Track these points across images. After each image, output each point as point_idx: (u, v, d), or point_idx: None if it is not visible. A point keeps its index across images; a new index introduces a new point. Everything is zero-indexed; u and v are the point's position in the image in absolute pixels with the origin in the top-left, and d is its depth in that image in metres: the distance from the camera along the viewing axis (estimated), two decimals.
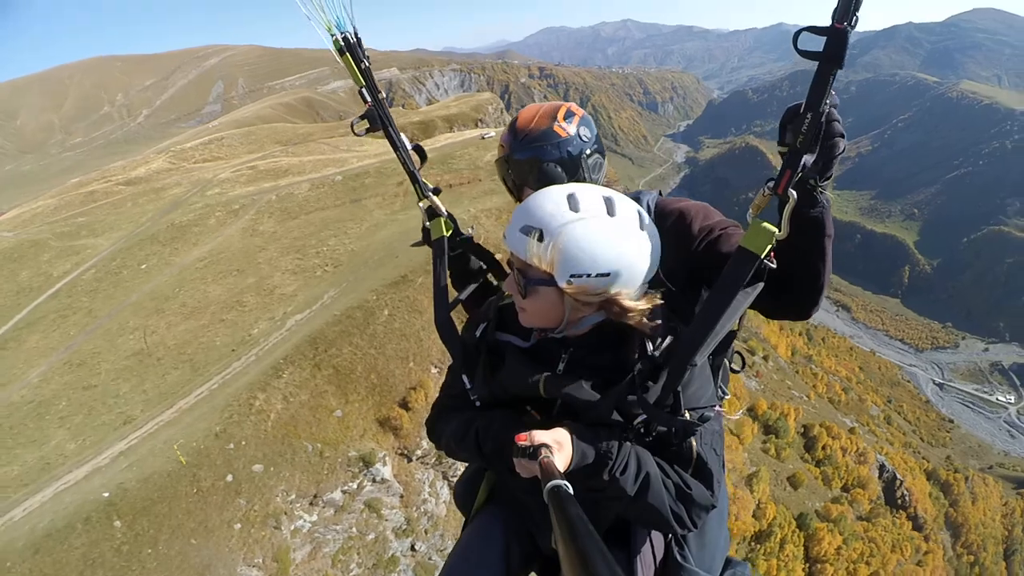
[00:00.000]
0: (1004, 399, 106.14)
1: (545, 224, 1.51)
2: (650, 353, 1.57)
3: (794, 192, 1.52)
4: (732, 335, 1.98)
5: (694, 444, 1.61)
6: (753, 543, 32.36)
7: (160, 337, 22.04)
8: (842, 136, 1.48)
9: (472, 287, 2.26)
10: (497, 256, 2.35)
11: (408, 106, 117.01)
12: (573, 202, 1.55)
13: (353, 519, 17.71)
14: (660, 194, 2.20)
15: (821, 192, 1.57)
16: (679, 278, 1.85)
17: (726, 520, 2.21)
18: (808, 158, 1.49)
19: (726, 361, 2.11)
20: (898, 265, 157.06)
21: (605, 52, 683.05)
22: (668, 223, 2.02)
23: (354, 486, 18.05)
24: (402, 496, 19.57)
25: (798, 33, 1.43)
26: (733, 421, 38.71)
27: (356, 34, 2.08)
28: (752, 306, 1.77)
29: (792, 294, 1.78)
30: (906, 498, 45.15)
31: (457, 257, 2.29)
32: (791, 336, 77.86)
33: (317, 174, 35.71)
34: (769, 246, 1.53)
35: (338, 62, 2.09)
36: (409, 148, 2.29)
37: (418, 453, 20.39)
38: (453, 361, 1.91)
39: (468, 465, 2.18)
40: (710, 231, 1.98)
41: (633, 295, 1.59)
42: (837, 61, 1.37)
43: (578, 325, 1.66)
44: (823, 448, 44.56)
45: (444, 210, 2.30)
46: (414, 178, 2.30)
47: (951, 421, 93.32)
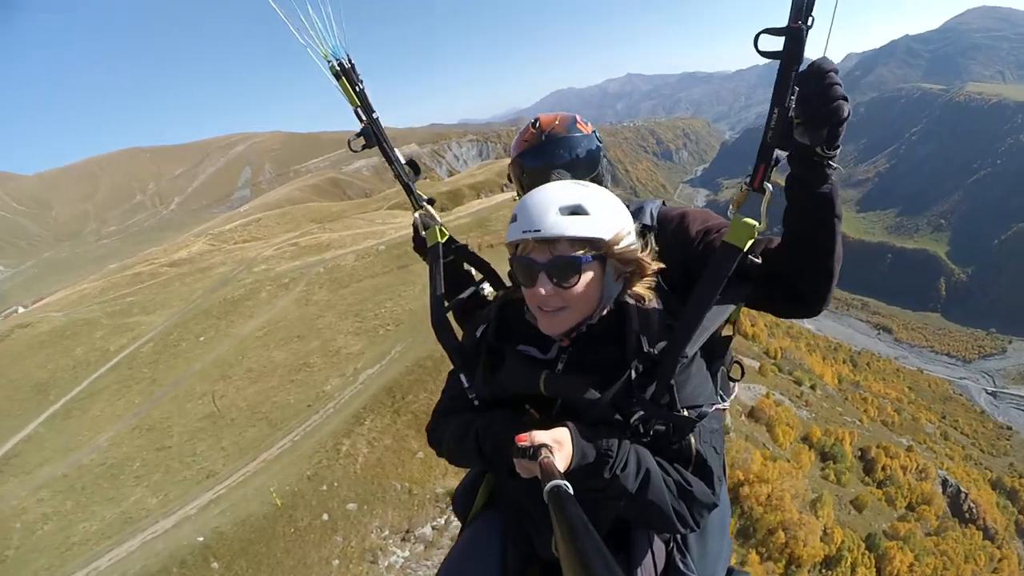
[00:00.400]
0: None
1: (582, 199, 1.57)
2: (647, 351, 1.58)
3: (769, 186, 1.60)
4: (728, 340, 1.98)
5: (693, 442, 1.60)
6: (824, 570, 31.44)
7: (231, 400, 22.38)
8: (844, 99, 1.41)
9: (471, 289, 2.27)
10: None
11: (431, 178, 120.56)
12: (574, 183, 1.69)
13: (442, 554, 18.07)
14: (663, 204, 2.25)
15: (830, 166, 1.52)
16: (679, 281, 1.83)
17: (728, 529, 2.22)
18: (780, 153, 1.56)
19: (724, 369, 2.08)
20: (933, 279, 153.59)
21: (614, 108, 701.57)
22: (671, 228, 2.09)
23: (442, 521, 18.48)
24: None
25: (758, 35, 1.48)
26: (789, 451, 38.27)
27: (350, 59, 2.18)
28: (760, 305, 1.84)
29: (801, 285, 1.73)
30: (973, 510, 43.34)
31: (451, 264, 2.34)
32: (835, 365, 76.54)
33: (359, 246, 36.80)
34: (751, 240, 1.59)
35: (337, 88, 2.22)
36: (403, 162, 2.37)
37: None
38: (452, 362, 1.94)
39: (468, 472, 2.18)
40: (708, 232, 2.01)
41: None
42: (796, 59, 1.43)
43: (602, 306, 1.68)
44: (883, 469, 43.35)
45: (439, 219, 2.37)
46: (409, 189, 2.38)
47: (1009, 428, 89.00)
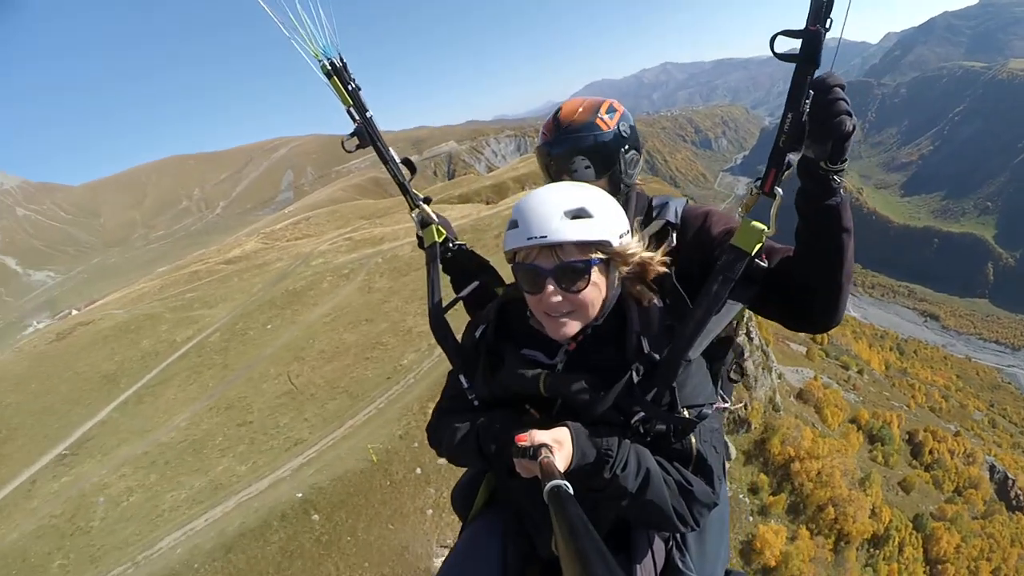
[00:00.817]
0: None
1: (585, 202, 1.57)
2: (647, 352, 1.59)
3: (780, 190, 1.56)
4: (729, 342, 2.01)
5: (694, 441, 1.61)
6: (871, 548, 31.68)
7: (307, 378, 22.56)
8: (848, 114, 1.44)
9: (474, 284, 2.28)
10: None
11: (471, 174, 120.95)
12: (573, 185, 1.68)
13: None
14: (687, 201, 2.25)
15: (836, 180, 1.54)
16: (697, 280, 1.77)
17: (727, 530, 2.25)
18: (793, 156, 1.52)
19: (724, 370, 2.12)
20: (981, 264, 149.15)
21: (650, 98, 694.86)
22: (694, 228, 2.10)
23: None
24: None
25: (774, 37, 1.46)
26: (837, 432, 38.41)
27: (342, 59, 2.17)
28: (768, 314, 1.87)
29: (809, 299, 1.73)
30: (1021, 497, 42.67)
31: (452, 261, 2.36)
32: (882, 352, 75.80)
33: (413, 238, 36.86)
34: (759, 244, 1.59)
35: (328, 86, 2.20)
36: (398, 161, 2.35)
37: None
38: (451, 363, 1.95)
39: (465, 471, 2.18)
40: (729, 234, 1.94)
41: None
42: (813, 62, 1.40)
43: (607, 308, 1.69)
44: (930, 452, 43.09)
45: (435, 217, 2.35)
46: (404, 189, 2.36)
47: None
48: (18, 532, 17.69)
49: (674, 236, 2.05)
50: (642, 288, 1.71)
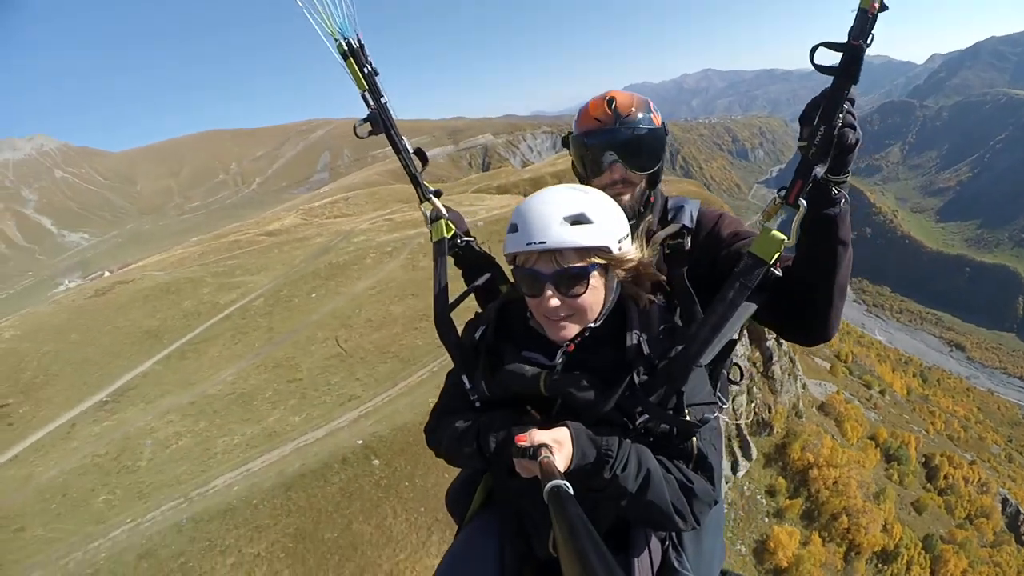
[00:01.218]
0: None
1: (584, 207, 1.56)
2: (647, 354, 1.59)
3: (804, 202, 1.58)
4: (732, 344, 2.01)
5: (694, 440, 1.63)
6: (880, 563, 32.11)
7: (356, 343, 22.76)
8: (852, 128, 1.50)
9: (486, 276, 2.27)
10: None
11: (506, 167, 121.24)
12: (572, 188, 1.67)
13: None
14: (699, 203, 2.24)
15: (837, 191, 1.58)
16: (705, 281, 1.83)
17: (722, 530, 2.25)
18: (820, 169, 1.54)
19: (724, 372, 2.13)
20: (1012, 297, 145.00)
21: (689, 104, 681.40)
22: (706, 229, 2.12)
23: None
24: None
25: (814, 48, 1.47)
26: (856, 446, 38.75)
27: (359, 39, 2.11)
28: (762, 320, 1.87)
29: (802, 312, 1.77)
30: None
31: (461, 257, 2.35)
32: (905, 377, 75.14)
33: None
34: (777, 254, 1.60)
35: (344, 68, 2.14)
36: (411, 151, 2.31)
37: None
38: (452, 361, 1.93)
39: (459, 471, 2.18)
40: (737, 236, 2.03)
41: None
42: (852, 76, 1.43)
43: (606, 310, 1.69)
44: (944, 477, 43.28)
45: (445, 212, 2.31)
46: (415, 181, 2.32)
47: None
48: (57, 469, 17.48)
49: (688, 240, 2.03)
50: (641, 288, 1.73)
